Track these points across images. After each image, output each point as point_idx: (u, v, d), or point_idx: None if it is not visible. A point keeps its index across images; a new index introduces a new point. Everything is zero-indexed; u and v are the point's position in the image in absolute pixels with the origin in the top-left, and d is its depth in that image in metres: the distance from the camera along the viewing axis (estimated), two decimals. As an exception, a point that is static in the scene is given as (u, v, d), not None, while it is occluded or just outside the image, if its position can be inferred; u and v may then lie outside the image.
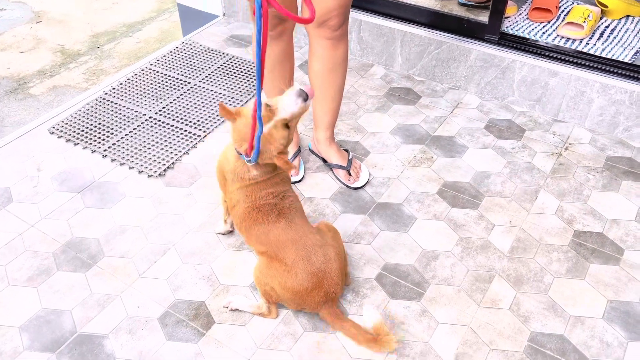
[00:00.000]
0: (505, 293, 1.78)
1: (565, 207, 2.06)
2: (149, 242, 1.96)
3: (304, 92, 1.42)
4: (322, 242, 1.57)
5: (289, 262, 1.56)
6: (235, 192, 1.61)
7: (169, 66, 2.85)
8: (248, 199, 1.58)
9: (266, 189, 1.57)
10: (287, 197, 1.58)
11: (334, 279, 1.56)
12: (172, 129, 2.44)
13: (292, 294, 1.58)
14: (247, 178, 1.56)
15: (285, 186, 1.59)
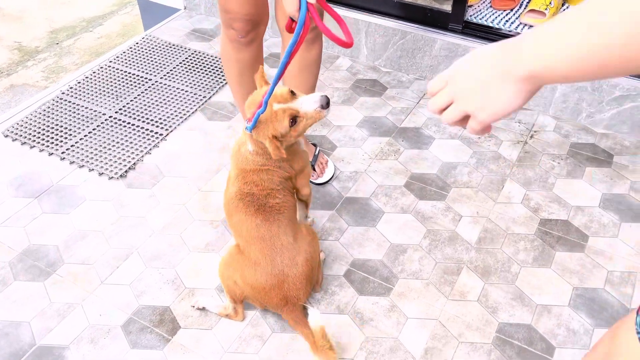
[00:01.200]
0: (474, 284, 1.78)
1: (531, 196, 2.07)
2: (111, 247, 1.90)
3: (327, 101, 1.42)
4: (293, 246, 1.54)
5: (252, 258, 1.53)
6: (232, 169, 1.59)
7: (130, 63, 2.77)
8: (237, 182, 1.56)
9: (255, 180, 1.53)
10: (274, 196, 1.54)
11: (296, 284, 1.53)
12: (133, 128, 2.37)
13: (252, 289, 1.56)
14: (243, 158, 1.53)
15: (275, 185, 1.55)
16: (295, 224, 1.60)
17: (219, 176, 2.17)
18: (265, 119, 1.42)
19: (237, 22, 1.76)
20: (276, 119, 1.42)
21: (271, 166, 1.53)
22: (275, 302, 1.55)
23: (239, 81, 1.98)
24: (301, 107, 1.42)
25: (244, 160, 1.53)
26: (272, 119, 1.42)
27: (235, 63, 1.92)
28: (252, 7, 1.72)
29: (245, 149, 1.52)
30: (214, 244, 1.91)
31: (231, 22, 1.78)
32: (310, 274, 1.57)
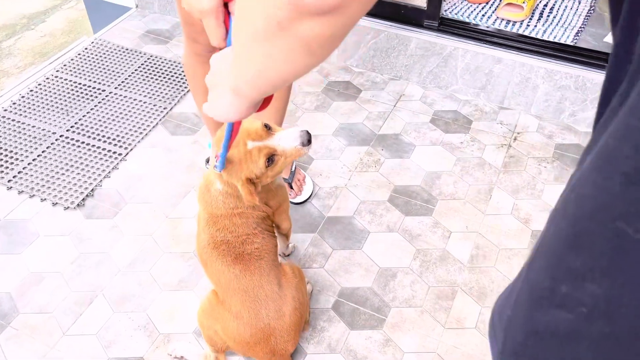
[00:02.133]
0: (470, 310, 1.68)
1: (521, 205, 1.98)
2: (72, 291, 1.71)
3: (308, 137, 1.25)
4: (278, 295, 1.39)
5: (234, 311, 1.38)
6: (201, 213, 1.41)
7: (79, 72, 2.52)
8: (208, 229, 1.38)
9: (227, 226, 1.36)
10: (251, 242, 1.37)
11: (284, 337, 1.39)
12: (88, 149, 2.15)
13: (235, 343, 1.41)
14: (213, 201, 1.36)
15: (251, 229, 1.38)
16: (279, 267, 1.44)
17: (187, 200, 1.99)
18: (237, 159, 1.25)
19: (202, 35, 1.58)
20: (250, 159, 1.24)
21: (244, 208, 1.36)
22: (260, 355, 1.41)
23: (205, 98, 1.80)
24: (279, 145, 1.25)
25: (213, 204, 1.36)
26: (246, 159, 1.24)
27: (201, 78, 1.75)
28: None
29: (215, 189, 1.35)
30: (187, 280, 1.75)
31: (196, 36, 1.59)
32: (300, 321, 1.43)
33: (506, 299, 0.58)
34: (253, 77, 0.60)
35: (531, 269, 0.52)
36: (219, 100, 0.73)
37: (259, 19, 0.51)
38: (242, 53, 0.58)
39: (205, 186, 1.36)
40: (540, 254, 0.51)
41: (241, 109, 0.71)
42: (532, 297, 0.51)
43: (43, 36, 3.98)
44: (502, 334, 0.57)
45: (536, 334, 0.52)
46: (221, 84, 0.72)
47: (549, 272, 0.49)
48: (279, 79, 0.58)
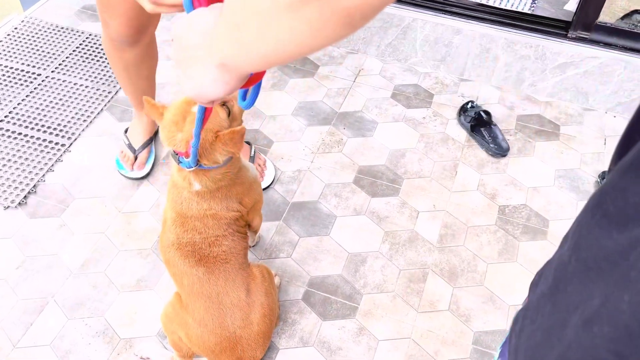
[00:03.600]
0: (442, 292, 1.65)
1: (486, 181, 1.96)
2: (20, 298, 1.58)
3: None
4: (245, 303, 1.30)
5: (197, 317, 1.29)
6: (169, 211, 1.31)
7: (10, 55, 2.30)
8: (175, 228, 1.28)
9: (197, 227, 1.26)
10: (219, 244, 1.27)
11: (251, 345, 1.32)
12: (26, 140, 1.98)
13: (199, 350, 1.34)
14: (184, 202, 1.25)
15: (222, 231, 1.28)
16: (246, 270, 1.35)
17: (141, 192, 1.86)
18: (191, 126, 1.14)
19: (114, 20, 1.51)
20: (210, 120, 1.15)
21: (219, 210, 1.26)
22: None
23: (126, 78, 1.75)
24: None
25: (185, 204, 1.25)
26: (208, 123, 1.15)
27: (119, 62, 1.70)
28: (138, 9, 1.43)
29: (186, 193, 1.24)
30: (147, 279, 1.64)
31: (108, 19, 1.51)
32: (270, 328, 1.36)
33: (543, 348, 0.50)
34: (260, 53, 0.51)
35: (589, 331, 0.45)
36: (199, 77, 0.62)
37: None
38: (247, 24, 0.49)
39: (177, 185, 1.25)
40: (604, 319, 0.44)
41: (231, 82, 0.61)
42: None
43: (-33, 13, 3.64)
44: None
45: None
46: (196, 57, 0.61)
47: (613, 345, 0.43)
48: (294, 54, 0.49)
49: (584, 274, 0.47)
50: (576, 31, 2.09)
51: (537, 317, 0.52)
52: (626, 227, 0.42)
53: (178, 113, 1.16)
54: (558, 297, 0.50)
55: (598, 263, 0.45)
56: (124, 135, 1.93)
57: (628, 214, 0.43)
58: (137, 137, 1.91)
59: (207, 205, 1.25)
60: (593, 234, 0.47)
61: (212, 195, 1.24)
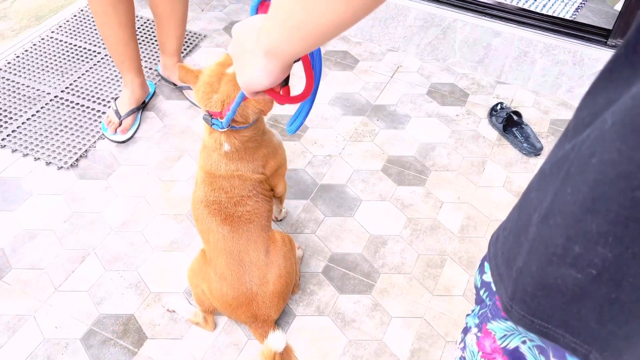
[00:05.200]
0: (458, 278, 1.70)
1: (513, 179, 1.99)
2: (64, 249, 1.72)
3: None
4: (264, 262, 1.40)
5: (219, 271, 1.40)
6: (199, 171, 1.43)
7: (74, 33, 2.50)
8: (203, 187, 1.40)
9: (224, 186, 1.37)
10: (244, 204, 1.38)
11: (266, 303, 1.41)
12: (82, 110, 2.14)
13: (218, 303, 1.43)
14: (213, 162, 1.36)
15: (247, 191, 1.38)
16: (268, 233, 1.45)
17: (180, 164, 1.99)
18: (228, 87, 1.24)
19: None
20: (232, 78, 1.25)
21: (245, 171, 1.37)
22: (242, 319, 1.43)
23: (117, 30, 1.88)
24: None
25: (214, 164, 1.36)
26: (235, 83, 1.24)
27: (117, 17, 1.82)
28: None
29: (216, 154, 1.35)
30: (179, 241, 1.76)
31: None
32: (285, 290, 1.44)
33: (514, 247, 0.59)
34: (300, 31, 0.59)
35: (546, 224, 0.53)
36: (249, 67, 0.72)
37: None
38: (287, 5, 0.57)
39: (207, 147, 1.36)
40: (556, 212, 0.52)
41: (275, 71, 0.70)
42: (546, 252, 0.53)
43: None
44: (511, 283, 0.59)
45: (545, 287, 0.54)
46: (248, 50, 0.72)
47: (564, 231, 0.51)
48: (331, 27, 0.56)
49: (541, 180, 0.55)
50: (616, 39, 2.10)
51: (508, 224, 0.61)
52: (573, 137, 0.50)
53: (213, 75, 1.26)
54: (523, 204, 0.59)
55: (551, 168, 0.53)
56: (113, 102, 2.06)
57: (577, 126, 0.50)
58: (124, 105, 2.04)
59: (235, 166, 1.35)
60: (552, 150, 0.55)
61: (240, 156, 1.34)
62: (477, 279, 0.75)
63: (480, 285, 0.73)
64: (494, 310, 0.68)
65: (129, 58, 1.97)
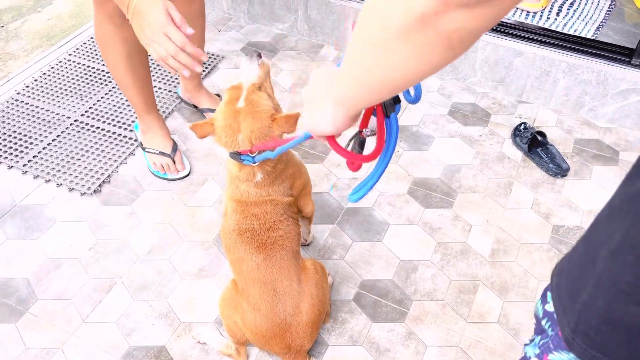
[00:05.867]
0: (492, 304, 1.67)
1: (541, 200, 1.97)
2: (90, 277, 1.69)
3: (254, 51, 1.27)
4: (297, 291, 1.37)
5: (252, 302, 1.37)
6: (228, 201, 1.40)
7: (92, 56, 2.48)
8: (235, 215, 1.37)
9: (257, 213, 1.35)
10: (276, 229, 1.36)
11: (300, 334, 1.38)
12: (103, 134, 2.12)
13: (251, 334, 1.41)
14: (242, 191, 1.34)
15: (278, 216, 1.36)
16: (299, 260, 1.43)
17: (205, 189, 1.96)
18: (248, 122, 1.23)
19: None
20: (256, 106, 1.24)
21: (276, 195, 1.35)
22: (275, 350, 1.40)
23: (129, 66, 1.75)
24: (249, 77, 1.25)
25: (244, 193, 1.34)
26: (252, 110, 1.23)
27: (121, 43, 1.68)
28: None
29: (245, 184, 1.33)
30: (207, 269, 1.73)
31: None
32: (318, 319, 1.42)
33: (579, 280, 0.59)
34: (371, 82, 0.59)
35: (615, 260, 0.53)
36: (317, 112, 0.74)
37: (396, 14, 0.50)
38: (359, 56, 0.57)
39: (238, 178, 1.34)
40: (626, 249, 0.52)
41: (340, 119, 0.72)
42: (613, 288, 0.53)
43: (50, 19, 3.92)
44: (575, 315, 0.59)
45: (610, 322, 0.54)
46: (319, 96, 0.73)
47: (635, 269, 0.51)
48: (401, 81, 0.56)
49: (609, 216, 0.55)
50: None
51: (573, 256, 0.62)
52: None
53: (228, 116, 1.24)
54: (590, 237, 0.59)
55: (621, 204, 0.54)
56: (148, 149, 1.97)
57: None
58: (162, 142, 1.97)
59: (266, 191, 1.34)
60: (621, 185, 0.55)
61: (271, 180, 1.33)
62: (539, 309, 0.74)
63: (542, 315, 0.73)
64: (556, 341, 0.68)
65: (151, 100, 1.91)
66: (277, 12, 2.63)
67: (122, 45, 1.69)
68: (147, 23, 1.18)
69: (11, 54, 3.60)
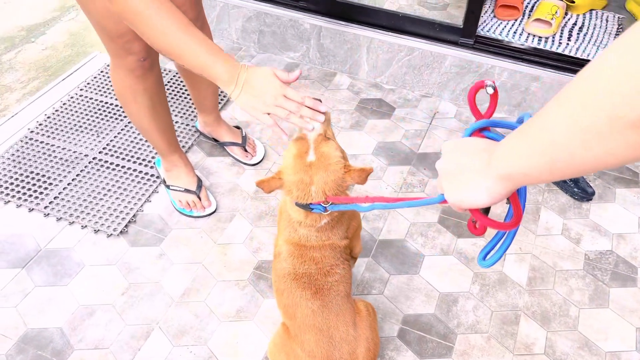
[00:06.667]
0: (536, 335, 1.66)
1: (570, 225, 1.98)
2: (127, 324, 1.64)
3: (310, 99, 1.23)
4: (353, 336, 1.34)
5: (307, 349, 1.33)
6: (283, 244, 1.36)
7: (103, 90, 2.44)
8: (291, 259, 1.33)
9: (316, 257, 1.32)
10: (333, 273, 1.33)
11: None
12: (124, 171, 2.08)
13: None
14: (301, 235, 1.31)
15: (335, 260, 1.34)
16: (352, 303, 1.40)
17: (234, 225, 1.93)
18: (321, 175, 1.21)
19: (134, 42, 1.52)
20: (327, 156, 1.21)
21: (335, 239, 1.32)
22: None
23: (152, 115, 1.73)
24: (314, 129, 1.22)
25: (302, 237, 1.31)
26: (325, 163, 1.21)
27: (144, 95, 1.67)
28: None
29: (305, 227, 1.30)
30: (245, 309, 1.69)
31: (129, 47, 1.52)
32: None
33: None
34: (558, 161, 0.58)
35: None
36: (467, 186, 0.74)
37: (600, 117, 0.50)
38: (562, 138, 0.56)
39: (298, 222, 1.30)
40: None
41: (502, 194, 0.71)
42: None
43: (44, 49, 3.86)
44: None
45: None
46: (472, 170, 0.73)
47: None
48: (604, 166, 0.56)
49: None
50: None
51: None
52: None
53: (299, 170, 1.21)
54: None
55: None
56: (173, 186, 1.94)
57: None
58: (187, 179, 1.94)
59: (326, 235, 1.31)
60: None
61: (332, 225, 1.30)
62: None
63: None
64: None
65: (174, 141, 1.88)
66: (288, 42, 2.63)
67: (144, 95, 1.68)
68: (264, 91, 1.18)
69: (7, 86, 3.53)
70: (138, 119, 1.75)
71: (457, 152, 0.77)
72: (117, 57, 1.57)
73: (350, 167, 1.24)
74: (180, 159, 1.93)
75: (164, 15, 1.15)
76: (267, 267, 1.80)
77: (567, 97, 0.56)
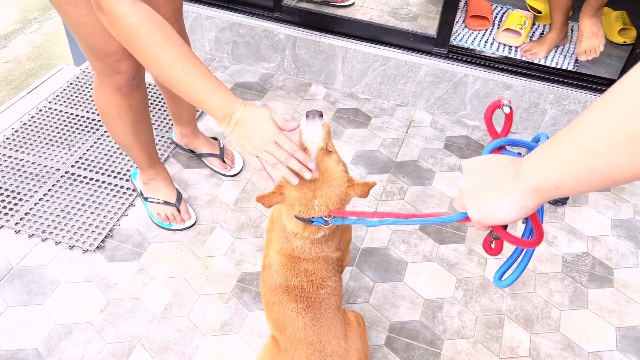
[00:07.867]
0: (520, 337, 1.68)
1: (546, 229, 2.02)
2: (107, 342, 1.58)
3: (316, 111, 1.22)
4: (345, 349, 1.32)
5: None
6: (275, 255, 1.33)
7: (74, 103, 2.37)
8: (283, 271, 1.31)
9: (308, 270, 1.30)
10: (325, 285, 1.31)
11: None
12: (98, 185, 2.02)
13: None
14: (296, 247, 1.29)
15: (328, 272, 1.32)
16: (343, 314, 1.39)
17: (214, 237, 1.89)
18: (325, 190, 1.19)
19: (124, 62, 1.50)
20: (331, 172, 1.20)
21: (329, 251, 1.31)
22: None
23: (134, 131, 1.71)
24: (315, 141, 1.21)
25: (296, 248, 1.29)
26: (328, 178, 1.19)
27: (129, 112, 1.65)
28: None
29: (299, 239, 1.28)
30: (230, 323, 1.66)
31: (117, 65, 1.50)
32: None
33: None
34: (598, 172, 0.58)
35: None
36: (492, 202, 0.72)
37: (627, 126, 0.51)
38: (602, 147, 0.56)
39: (292, 232, 1.28)
40: None
41: (530, 208, 0.70)
42: None
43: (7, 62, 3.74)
44: None
45: None
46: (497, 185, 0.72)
47: None
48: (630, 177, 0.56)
49: None
50: (622, 88, 2.21)
51: None
52: None
53: (303, 186, 1.19)
54: None
55: None
56: (151, 199, 1.90)
57: None
58: (166, 191, 1.90)
59: (320, 248, 1.30)
60: None
61: (327, 237, 1.29)
62: None
63: None
64: None
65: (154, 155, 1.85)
66: (263, 52, 2.62)
67: (129, 113, 1.65)
68: (255, 134, 1.14)
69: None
70: (121, 136, 1.71)
71: (479, 169, 0.76)
72: (103, 75, 1.53)
73: (353, 182, 1.23)
74: (160, 172, 1.88)
75: (164, 47, 1.13)
76: (251, 279, 1.78)
77: (608, 104, 0.55)
